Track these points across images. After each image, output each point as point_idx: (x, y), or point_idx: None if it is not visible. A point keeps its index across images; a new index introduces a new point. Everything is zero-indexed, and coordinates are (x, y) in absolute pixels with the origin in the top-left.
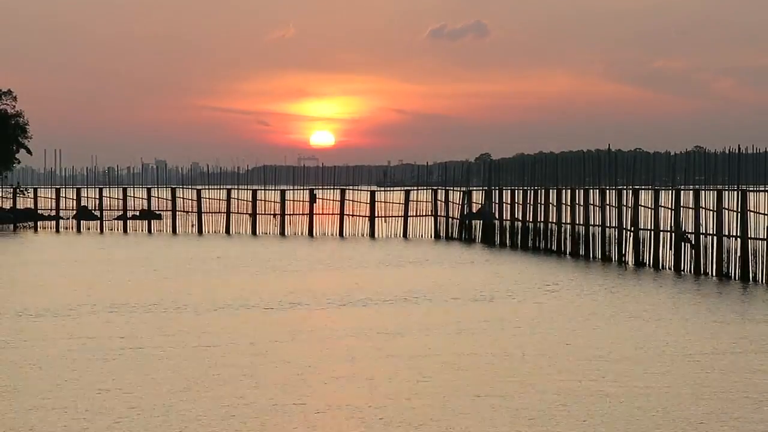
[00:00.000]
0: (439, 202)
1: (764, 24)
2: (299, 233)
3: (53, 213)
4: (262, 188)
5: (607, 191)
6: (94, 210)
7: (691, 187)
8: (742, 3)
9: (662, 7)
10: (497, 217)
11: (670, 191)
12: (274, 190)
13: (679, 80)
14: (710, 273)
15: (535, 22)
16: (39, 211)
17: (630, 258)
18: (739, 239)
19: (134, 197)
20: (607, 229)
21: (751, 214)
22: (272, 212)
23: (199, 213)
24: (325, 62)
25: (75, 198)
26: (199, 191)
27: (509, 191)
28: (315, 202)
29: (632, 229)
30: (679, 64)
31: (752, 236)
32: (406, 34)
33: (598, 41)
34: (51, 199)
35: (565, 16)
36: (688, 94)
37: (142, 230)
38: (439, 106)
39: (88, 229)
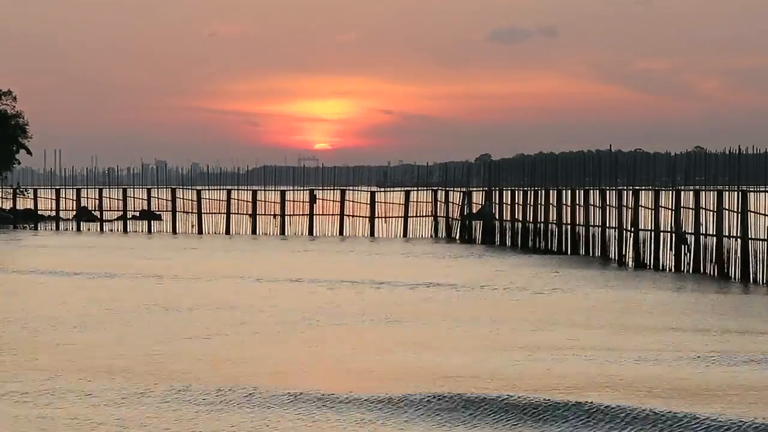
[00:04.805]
0: (439, 203)
1: (752, 27)
2: (299, 234)
3: (53, 213)
4: (262, 189)
5: (608, 192)
6: (94, 210)
7: (692, 187)
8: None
9: (665, 7)
10: (497, 217)
11: (671, 192)
12: (274, 190)
13: (681, 82)
14: (710, 274)
15: (534, 23)
16: (39, 212)
17: (630, 258)
18: (739, 240)
19: (134, 198)
20: (608, 230)
21: (752, 214)
22: (272, 213)
23: (199, 213)
24: (318, 63)
25: (75, 198)
26: (199, 192)
27: (509, 191)
28: (315, 203)
29: (632, 229)
30: (680, 65)
31: (752, 237)
32: (402, 34)
33: (597, 43)
34: (51, 199)
35: (564, 17)
36: (686, 96)
37: (142, 231)
38: (436, 107)
39: (88, 229)
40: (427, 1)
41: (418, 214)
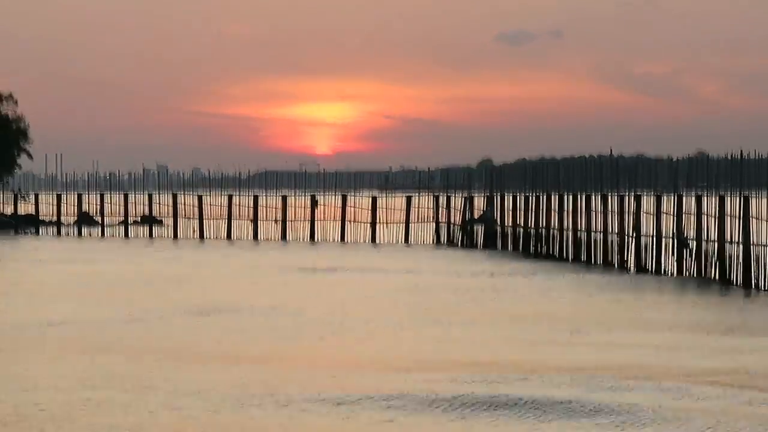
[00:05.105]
0: (440, 208)
1: (755, 30)
2: (300, 238)
3: (54, 218)
4: (264, 193)
5: (609, 196)
6: (95, 215)
7: (693, 192)
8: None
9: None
10: (499, 222)
11: (672, 197)
12: (276, 195)
13: (682, 85)
14: (712, 279)
15: (538, 26)
16: (40, 217)
17: (631, 264)
18: (741, 245)
19: (135, 203)
20: (609, 235)
21: (753, 220)
22: (274, 218)
23: (201, 218)
24: (319, 67)
25: (76, 203)
26: (200, 196)
27: (511, 196)
28: (317, 208)
29: (634, 234)
30: (681, 68)
31: (754, 242)
32: (404, 38)
33: (598, 46)
34: (52, 204)
35: (566, 20)
36: (687, 99)
37: (143, 236)
38: (437, 111)
39: (90, 234)
40: (430, 5)
41: (420, 220)
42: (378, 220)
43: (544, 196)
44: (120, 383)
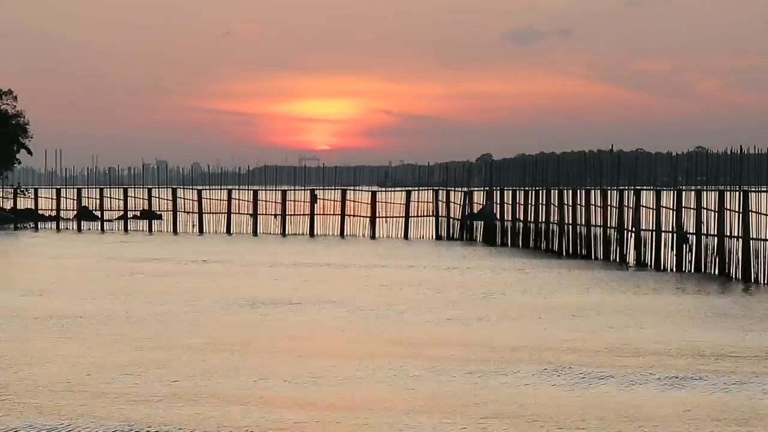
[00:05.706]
0: (440, 203)
1: (749, 26)
2: (300, 233)
3: (54, 213)
4: (263, 188)
5: (609, 191)
6: (95, 210)
7: (693, 187)
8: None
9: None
10: (498, 217)
11: (672, 192)
12: (275, 190)
13: (682, 82)
14: (712, 273)
15: (538, 25)
16: (39, 212)
17: (631, 258)
18: (740, 240)
19: (135, 197)
20: (609, 230)
21: (753, 214)
22: (273, 212)
23: (200, 213)
24: (319, 63)
25: (75, 198)
26: (200, 191)
27: (510, 191)
28: (316, 203)
29: (633, 229)
30: (681, 65)
31: (754, 237)
32: (405, 35)
33: (598, 43)
34: (51, 199)
35: (565, 19)
36: (687, 96)
37: (142, 230)
38: (437, 107)
39: (89, 229)
40: (431, 2)
41: (419, 214)
42: (377, 215)
43: (544, 191)
44: None
